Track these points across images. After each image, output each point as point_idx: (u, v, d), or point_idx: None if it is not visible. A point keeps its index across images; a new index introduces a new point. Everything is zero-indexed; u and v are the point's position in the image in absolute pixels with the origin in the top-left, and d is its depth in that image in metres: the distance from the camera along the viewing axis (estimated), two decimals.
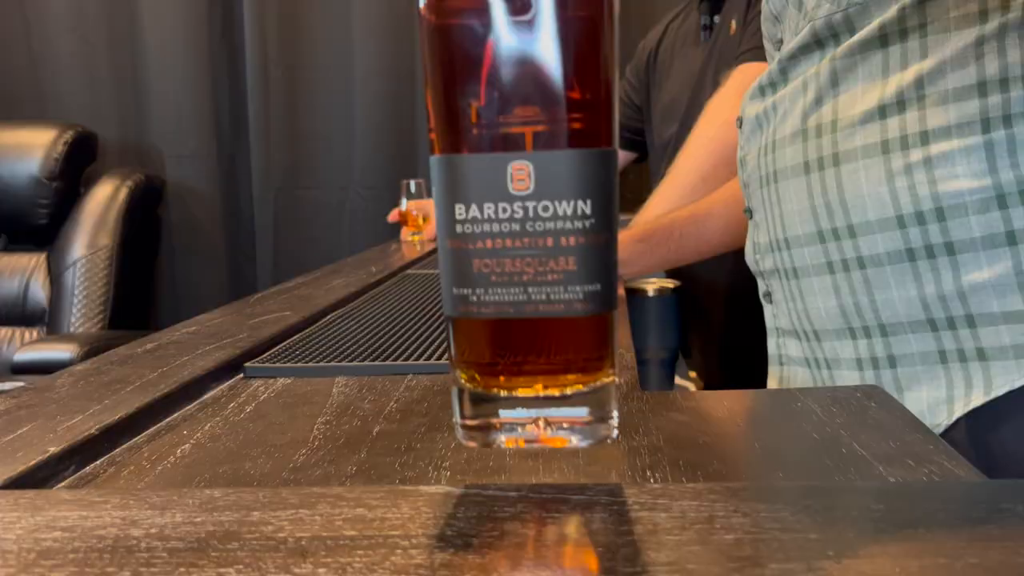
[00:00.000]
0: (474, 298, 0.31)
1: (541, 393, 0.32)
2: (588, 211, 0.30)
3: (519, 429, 0.33)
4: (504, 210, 0.30)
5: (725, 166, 1.02)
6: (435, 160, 0.31)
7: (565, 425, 0.32)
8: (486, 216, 0.30)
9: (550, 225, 0.30)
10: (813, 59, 0.69)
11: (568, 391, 0.32)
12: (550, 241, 0.30)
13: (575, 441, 0.33)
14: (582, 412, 0.32)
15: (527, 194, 0.30)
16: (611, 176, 0.31)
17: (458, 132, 0.31)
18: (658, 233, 1.01)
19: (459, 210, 0.31)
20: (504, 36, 0.30)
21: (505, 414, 0.32)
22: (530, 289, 0.31)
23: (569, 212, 0.30)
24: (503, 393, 0.32)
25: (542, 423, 0.32)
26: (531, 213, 0.30)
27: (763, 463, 0.41)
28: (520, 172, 0.30)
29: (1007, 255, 0.58)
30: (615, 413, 0.33)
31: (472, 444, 0.34)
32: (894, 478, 0.38)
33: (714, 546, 0.30)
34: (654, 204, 1.17)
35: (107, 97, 2.30)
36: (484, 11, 0.30)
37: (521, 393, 0.32)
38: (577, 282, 0.31)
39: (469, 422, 0.33)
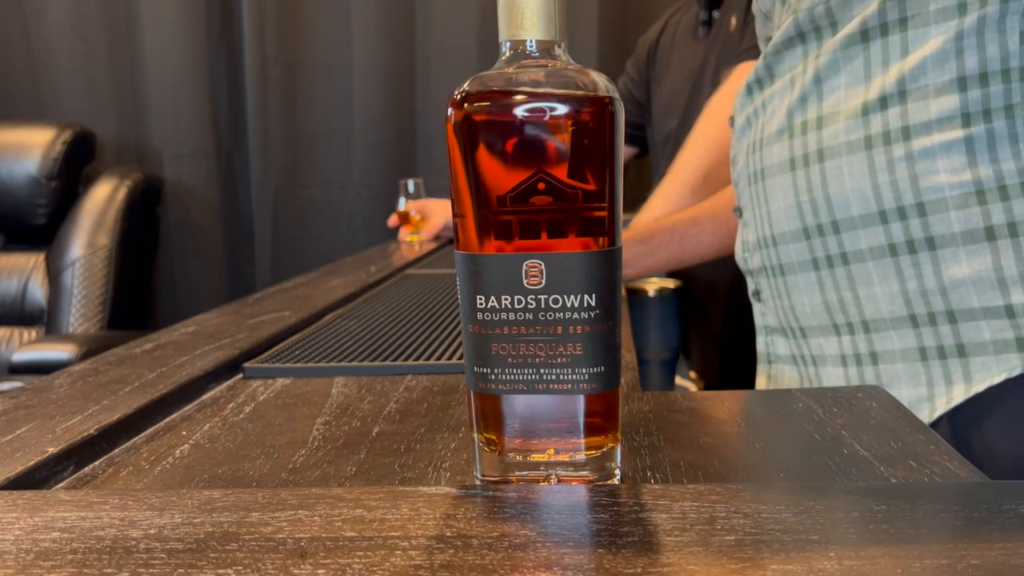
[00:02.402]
0: (492, 376, 0.36)
1: (553, 458, 0.36)
2: (593, 303, 0.35)
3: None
4: (519, 301, 0.35)
5: (726, 165, 1.02)
6: (460, 256, 0.36)
7: (573, 483, 0.36)
8: (503, 306, 0.35)
9: (560, 315, 0.35)
10: (796, 55, 0.70)
11: (576, 457, 0.36)
12: (559, 329, 0.35)
13: None
14: (588, 473, 0.37)
15: (539, 288, 0.35)
16: (614, 272, 0.35)
17: (480, 219, 0.35)
18: (659, 235, 1.00)
19: (480, 300, 0.35)
20: (521, 136, 0.34)
21: (520, 474, 0.37)
22: (542, 370, 0.35)
23: (576, 304, 0.35)
24: (519, 457, 0.36)
25: (554, 479, 0.36)
26: (543, 305, 0.35)
27: (764, 464, 0.41)
28: (533, 269, 0.34)
29: (986, 250, 0.59)
30: (617, 470, 0.37)
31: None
32: (896, 479, 0.38)
33: (715, 547, 0.30)
34: (655, 203, 1.16)
35: (105, 96, 2.29)
36: (504, 114, 0.34)
37: (535, 458, 0.36)
38: (584, 365, 0.35)
39: (488, 479, 0.37)
